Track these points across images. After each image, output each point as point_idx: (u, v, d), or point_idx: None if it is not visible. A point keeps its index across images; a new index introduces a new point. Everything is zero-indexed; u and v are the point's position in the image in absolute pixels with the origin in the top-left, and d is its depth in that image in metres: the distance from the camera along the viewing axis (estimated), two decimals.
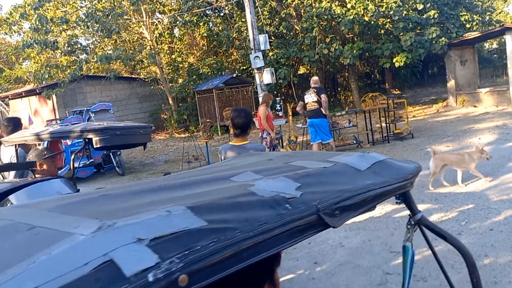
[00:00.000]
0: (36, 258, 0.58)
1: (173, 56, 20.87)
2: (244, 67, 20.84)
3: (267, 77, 10.04)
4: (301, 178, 0.99)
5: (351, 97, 21.21)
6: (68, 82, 15.44)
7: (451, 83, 17.80)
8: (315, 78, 10.08)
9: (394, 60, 16.47)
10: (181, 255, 0.61)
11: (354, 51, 16.40)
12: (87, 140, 3.55)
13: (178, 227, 0.66)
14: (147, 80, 20.55)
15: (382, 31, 18.11)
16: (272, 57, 17.55)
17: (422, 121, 14.80)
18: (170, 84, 19.68)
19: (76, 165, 11.63)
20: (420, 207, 6.08)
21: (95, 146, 3.50)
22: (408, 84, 22.54)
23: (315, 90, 9.45)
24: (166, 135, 19.22)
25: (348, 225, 5.75)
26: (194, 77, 19.39)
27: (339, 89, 24.46)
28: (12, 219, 0.83)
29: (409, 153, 9.88)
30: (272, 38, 18.68)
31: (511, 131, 10.78)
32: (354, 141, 11.03)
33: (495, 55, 26.25)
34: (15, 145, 3.96)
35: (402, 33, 16.39)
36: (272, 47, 18.05)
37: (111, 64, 20.64)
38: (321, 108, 9.37)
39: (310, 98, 9.46)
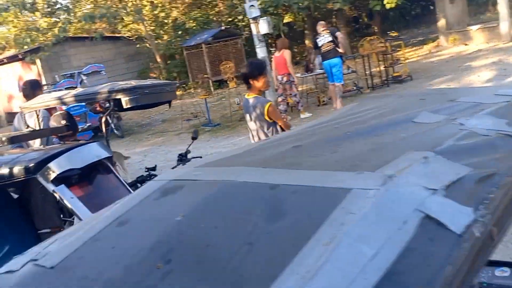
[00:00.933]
0: (347, 219, 0.52)
1: (156, 12, 20.14)
2: (230, 19, 20.28)
3: (263, 26, 9.76)
4: (501, 114, 0.93)
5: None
6: (51, 45, 14.88)
7: (441, 22, 17.58)
8: (322, 22, 10.17)
9: (385, 1, 16.13)
10: (483, 204, 0.56)
11: None
12: (113, 101, 3.42)
13: (456, 173, 0.60)
14: (132, 38, 19.92)
15: None
16: (260, 6, 17.04)
17: (417, 62, 14.72)
18: (156, 41, 19.13)
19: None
20: None
21: (124, 107, 3.38)
22: (396, 26, 22.21)
23: (329, 31, 9.55)
24: None
25: None
26: (180, 32, 18.84)
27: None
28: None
29: None
30: None
31: (508, 66, 10.79)
32: (354, 87, 10.97)
33: None
34: (36, 111, 3.82)
35: None
36: None
37: (92, 24, 19.90)
38: (337, 48, 9.40)
39: (324, 39, 9.47)
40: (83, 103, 11.68)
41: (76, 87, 11.74)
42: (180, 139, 10.46)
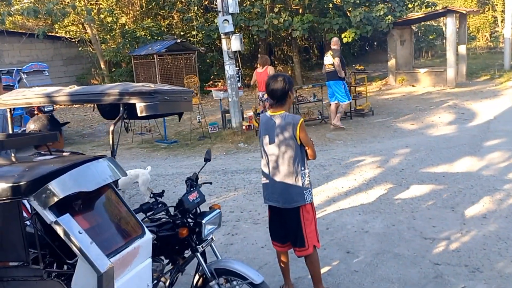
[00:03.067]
0: None
1: (101, 16, 18.86)
2: (183, 33, 19.54)
3: (235, 43, 9.21)
4: None
5: (289, 71, 20.89)
6: None
7: (391, 62, 18.14)
8: (335, 39, 10.05)
9: (343, 35, 16.34)
10: None
11: (304, 24, 16.00)
12: (126, 106, 2.64)
13: None
14: (73, 40, 18.50)
15: (331, 5, 17.89)
16: (217, 24, 16.54)
17: (371, 98, 14.86)
18: (102, 46, 17.87)
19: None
20: (425, 187, 5.85)
21: (140, 114, 2.62)
22: (346, 61, 22.69)
23: (332, 53, 9.63)
24: None
25: (360, 208, 5.35)
26: (129, 40, 17.76)
27: (276, 62, 24.05)
28: None
29: (378, 131, 9.75)
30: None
31: (465, 111, 11.10)
32: (319, 116, 10.69)
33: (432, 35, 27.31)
34: (10, 109, 2.92)
35: (351, 8, 16.27)
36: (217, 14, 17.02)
37: (30, 20, 18.24)
38: (337, 71, 9.55)
39: (327, 60, 9.72)
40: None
41: (13, 86, 10.35)
42: (132, 154, 9.47)
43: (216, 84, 11.90)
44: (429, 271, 3.84)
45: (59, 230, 1.98)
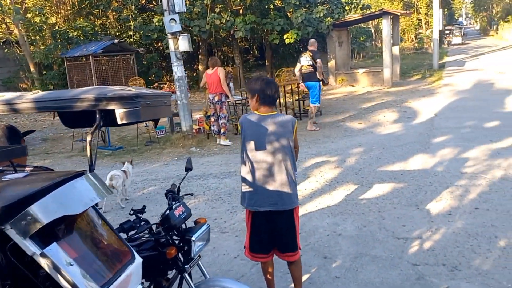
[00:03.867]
0: None
1: (29, 15, 17.59)
2: (119, 33, 18.73)
3: (183, 43, 8.85)
4: None
5: (232, 72, 20.68)
6: None
7: (331, 63, 18.52)
8: (312, 40, 9.93)
9: (285, 36, 16.44)
10: None
11: (246, 24, 15.91)
12: (102, 113, 2.29)
13: None
14: None
15: (272, 6, 17.94)
16: (157, 24, 16.02)
17: None
18: (31, 48, 16.67)
19: None
20: (386, 186, 5.90)
21: (120, 122, 2.29)
22: (285, 62, 22.93)
23: (311, 54, 9.55)
24: None
25: (328, 210, 5.28)
26: (61, 41, 16.70)
27: None
28: None
29: (330, 130, 9.82)
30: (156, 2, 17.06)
31: (407, 109, 11.50)
32: None
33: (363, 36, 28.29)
34: None
35: (292, 10, 16.41)
36: (157, 13, 16.48)
37: None
38: (316, 72, 9.52)
39: (305, 61, 9.61)
40: None
41: None
42: (73, 163, 8.82)
43: (161, 86, 11.45)
44: (410, 273, 3.80)
45: (44, 263, 1.65)
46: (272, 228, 3.18)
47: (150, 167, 8.06)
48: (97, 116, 2.36)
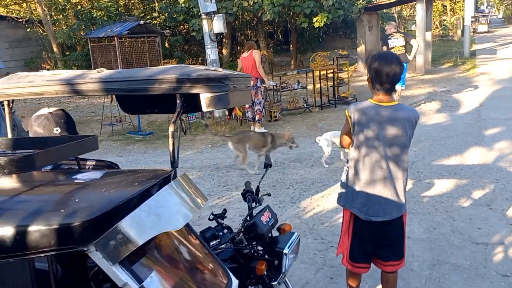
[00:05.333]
0: None
1: None
2: (142, 14, 18.26)
3: (218, 24, 8.37)
4: None
5: (267, 55, 20.07)
6: None
7: (361, 48, 17.86)
8: (393, 22, 9.69)
9: (314, 20, 15.79)
10: None
11: (275, 7, 15.28)
12: (183, 97, 1.85)
13: None
14: (20, 20, 16.79)
15: None
16: (183, 5, 15.51)
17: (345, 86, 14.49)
18: (54, 28, 16.33)
19: None
20: (447, 182, 5.37)
21: (205, 109, 1.85)
22: (311, 47, 22.24)
23: (403, 35, 9.35)
24: None
25: None
26: (84, 21, 16.31)
27: (238, 47, 23.19)
28: None
29: None
30: None
31: (448, 98, 10.91)
32: (304, 104, 10.09)
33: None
34: (9, 102, 2.04)
35: None
36: None
37: None
38: (406, 53, 9.28)
39: (397, 42, 9.30)
40: None
41: None
42: (104, 148, 8.44)
43: None
44: (502, 285, 3.34)
45: None
46: (381, 236, 2.74)
47: (184, 154, 7.66)
48: (178, 101, 1.91)
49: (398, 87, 9.49)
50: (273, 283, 2.18)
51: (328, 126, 8.78)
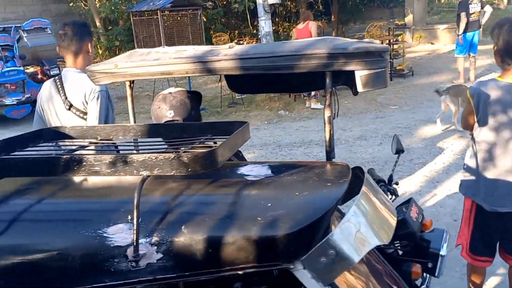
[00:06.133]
0: None
1: None
2: None
3: None
4: None
5: (322, 27, 19.43)
6: None
7: (409, 18, 17.04)
8: None
9: None
10: None
11: None
12: (340, 75, 1.61)
13: None
14: None
15: None
16: None
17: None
18: (96, 2, 16.24)
19: (6, 102, 8.79)
20: None
21: (360, 89, 1.59)
22: (353, 18, 21.46)
23: (479, 0, 8.98)
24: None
25: None
26: None
27: (277, 19, 22.60)
28: None
29: (431, 93, 8.83)
30: None
31: None
32: None
33: None
34: (130, 83, 1.85)
35: None
36: None
37: None
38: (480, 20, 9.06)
39: (476, 7, 8.88)
40: (22, 69, 9.07)
41: (12, 46, 9.01)
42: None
43: (240, 43, 10.69)
44: None
45: None
46: (506, 228, 2.46)
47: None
48: (327, 80, 1.66)
49: (473, 55, 9.30)
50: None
51: (388, 101, 8.38)
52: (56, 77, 2.54)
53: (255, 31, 20.37)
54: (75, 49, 2.49)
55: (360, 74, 1.62)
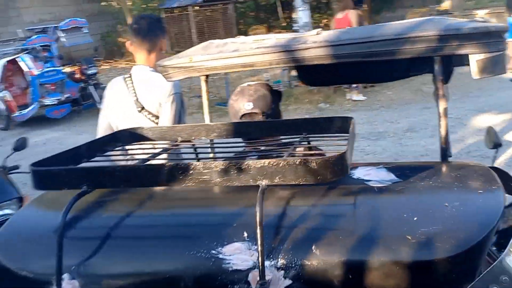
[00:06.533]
0: None
1: None
2: None
3: None
4: None
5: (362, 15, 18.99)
6: None
7: (445, 4, 16.41)
8: None
9: None
10: None
11: None
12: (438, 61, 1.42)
13: None
14: None
15: None
16: None
17: None
18: (128, 1, 16.31)
19: (47, 102, 8.86)
20: None
21: (476, 76, 1.39)
22: (386, 6, 20.85)
23: None
24: (128, 62, 16.16)
25: None
26: None
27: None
28: None
29: (478, 81, 8.41)
30: None
31: None
32: None
33: None
34: (206, 77, 1.71)
35: None
36: None
37: None
38: None
39: None
40: (61, 68, 9.12)
41: (50, 47, 9.08)
42: (196, 121, 8.25)
43: None
44: None
45: None
46: None
47: None
48: (437, 67, 1.46)
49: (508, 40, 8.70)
50: None
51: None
52: (126, 75, 2.35)
53: (285, 24, 20.10)
54: (149, 46, 2.29)
55: (477, 58, 1.41)
